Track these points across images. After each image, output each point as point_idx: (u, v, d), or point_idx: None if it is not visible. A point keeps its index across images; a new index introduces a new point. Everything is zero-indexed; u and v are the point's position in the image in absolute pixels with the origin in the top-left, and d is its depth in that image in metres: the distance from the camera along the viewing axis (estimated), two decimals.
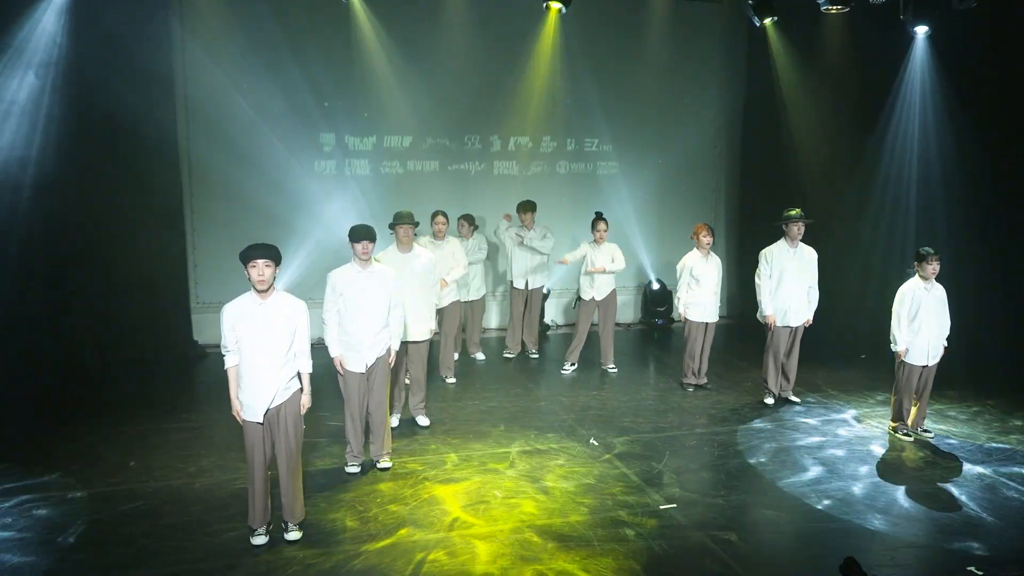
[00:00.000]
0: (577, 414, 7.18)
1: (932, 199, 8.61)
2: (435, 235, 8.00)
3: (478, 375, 8.50)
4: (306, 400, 4.82)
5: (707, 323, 7.82)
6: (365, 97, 9.67)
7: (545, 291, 9.54)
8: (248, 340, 4.57)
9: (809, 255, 7.29)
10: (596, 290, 8.43)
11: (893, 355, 6.55)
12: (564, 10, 8.19)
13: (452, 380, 8.14)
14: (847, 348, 9.17)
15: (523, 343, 9.27)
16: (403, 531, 4.88)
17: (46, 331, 7.81)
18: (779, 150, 10.15)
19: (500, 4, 9.84)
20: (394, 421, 6.61)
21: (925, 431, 6.59)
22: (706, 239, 7.69)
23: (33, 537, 4.76)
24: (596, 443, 6.42)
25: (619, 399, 7.65)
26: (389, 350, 5.78)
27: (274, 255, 4.57)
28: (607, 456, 6.14)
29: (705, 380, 8.00)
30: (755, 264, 7.50)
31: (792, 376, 7.51)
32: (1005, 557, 4.67)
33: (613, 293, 8.51)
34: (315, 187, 9.66)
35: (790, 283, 7.20)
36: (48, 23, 7.57)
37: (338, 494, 5.42)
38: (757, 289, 7.34)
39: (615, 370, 8.58)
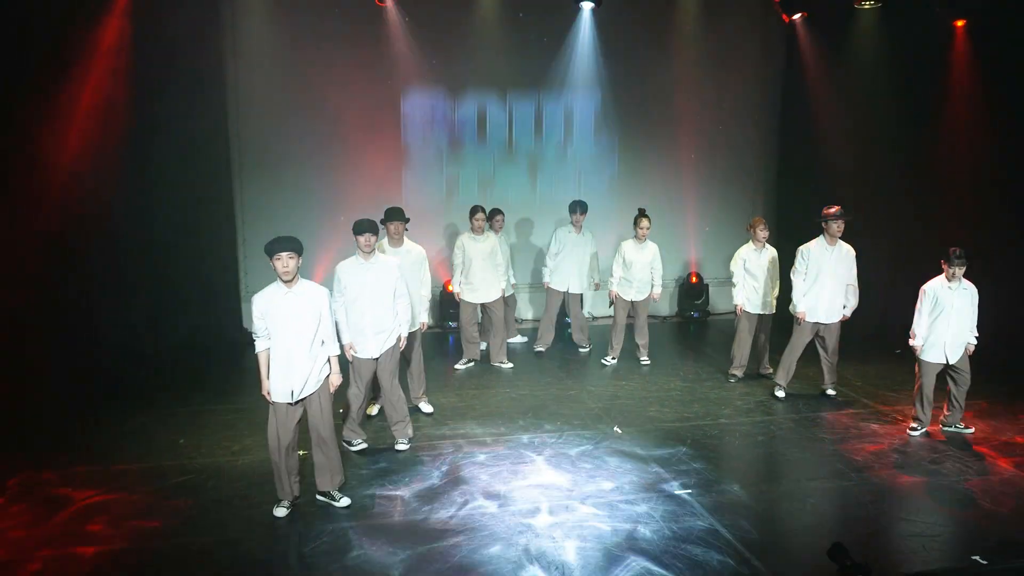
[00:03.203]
0: (605, 403, 7.39)
1: (977, 193, 8.54)
2: (473, 230, 8.26)
3: (516, 365, 8.73)
4: (335, 379, 5.18)
5: (761, 315, 7.92)
6: (390, 99, 10.03)
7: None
8: (278, 327, 4.93)
9: (848, 253, 7.23)
10: (636, 291, 8.59)
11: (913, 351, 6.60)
12: (595, 7, 8.33)
13: (509, 365, 8.51)
14: (882, 343, 9.16)
15: (574, 340, 9.44)
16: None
17: (107, 318, 8.30)
18: (816, 143, 10.14)
19: (528, 9, 10.06)
20: (374, 410, 6.90)
21: (963, 427, 6.62)
22: (763, 233, 7.80)
23: (92, 508, 5.20)
24: (620, 431, 6.63)
25: (648, 390, 7.83)
26: (399, 337, 6.08)
27: (296, 247, 4.91)
28: (629, 443, 6.35)
29: (771, 369, 8.06)
30: (794, 257, 7.50)
31: (833, 372, 7.53)
32: (1012, 547, 4.77)
33: (648, 297, 8.67)
34: (363, 178, 9.99)
35: (827, 281, 7.16)
36: (114, 30, 8.01)
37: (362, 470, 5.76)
38: (793, 285, 7.35)
39: (648, 362, 8.76)
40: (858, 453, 6.21)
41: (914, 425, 6.61)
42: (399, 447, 6.19)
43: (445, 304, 10.20)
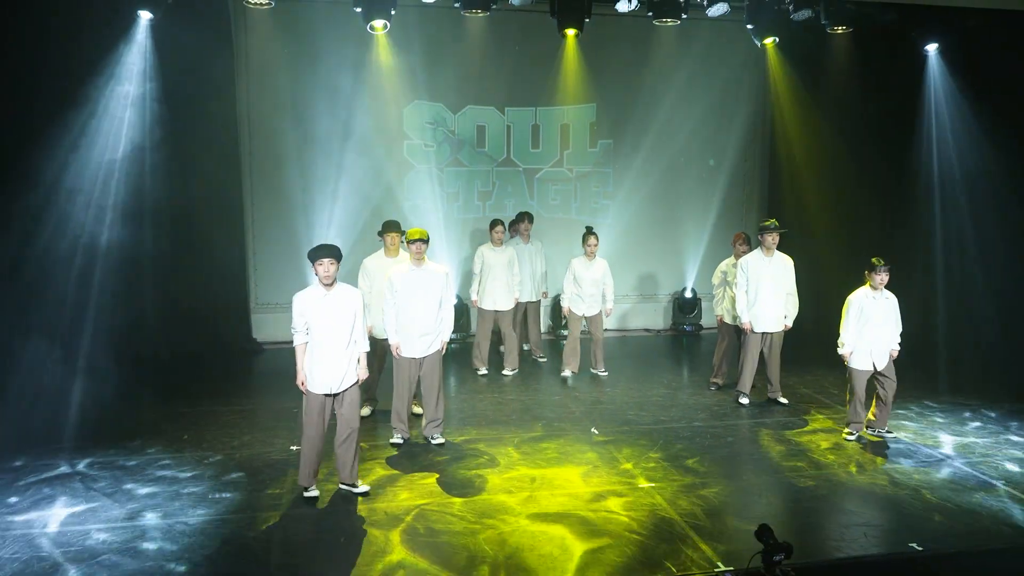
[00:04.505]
0: (587, 407, 7.78)
1: (950, 209, 8.88)
2: (493, 242, 8.78)
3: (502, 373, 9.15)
4: (362, 373, 5.69)
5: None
6: (391, 113, 10.54)
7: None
8: (316, 325, 5.46)
9: (785, 263, 7.59)
10: (587, 306, 8.67)
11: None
12: (579, 34, 8.78)
13: (513, 372, 8.88)
14: None
15: (530, 351, 9.71)
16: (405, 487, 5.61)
17: (127, 327, 8.79)
18: (793, 163, 10.52)
19: (519, 28, 10.45)
20: (365, 411, 7.26)
21: (887, 432, 6.92)
22: (743, 247, 8.13)
23: (100, 490, 5.69)
24: (596, 431, 7.02)
25: (630, 396, 8.19)
26: (442, 342, 6.59)
27: (336, 254, 5.50)
28: (603, 442, 6.75)
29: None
30: None
31: (775, 378, 7.85)
32: (945, 534, 5.12)
33: (601, 312, 8.74)
34: (367, 191, 10.47)
35: (766, 291, 7.49)
36: (136, 49, 8.58)
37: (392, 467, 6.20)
38: (736, 298, 7.68)
39: (606, 373, 8.90)
40: (819, 454, 6.55)
41: (849, 430, 6.93)
42: (435, 441, 6.67)
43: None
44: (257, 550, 4.89)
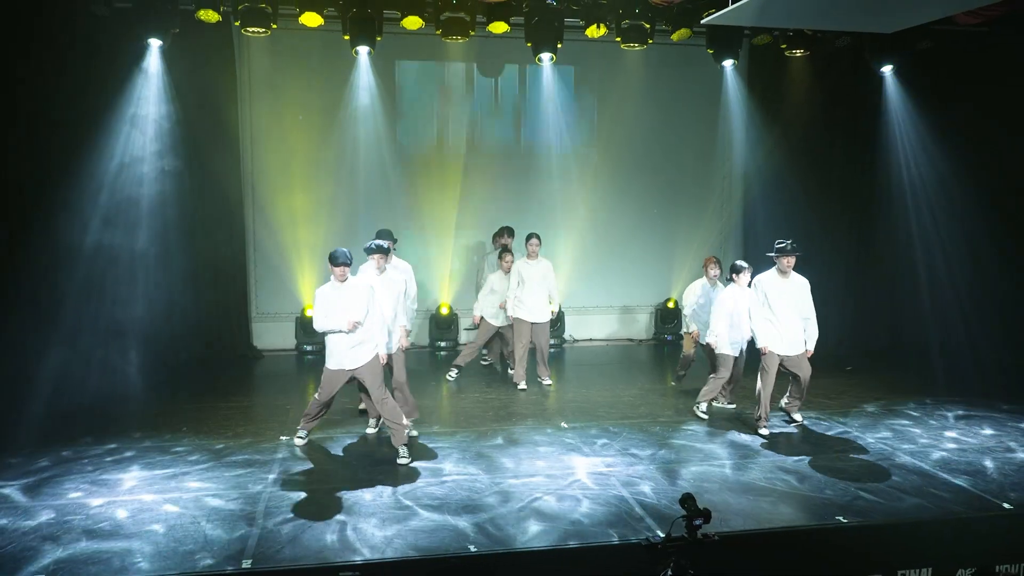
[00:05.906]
0: (561, 405, 8.31)
1: (912, 220, 9.42)
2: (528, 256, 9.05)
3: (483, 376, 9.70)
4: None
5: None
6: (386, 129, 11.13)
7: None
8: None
9: (801, 284, 7.42)
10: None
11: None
12: (553, 59, 9.34)
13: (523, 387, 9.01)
14: (837, 360, 9.97)
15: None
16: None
17: (138, 334, 9.36)
18: (770, 177, 11.07)
19: (503, 51, 10.99)
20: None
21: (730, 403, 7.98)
22: (713, 271, 8.49)
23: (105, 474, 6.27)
24: (565, 425, 7.53)
25: (603, 396, 8.67)
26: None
27: None
28: (570, 432, 7.28)
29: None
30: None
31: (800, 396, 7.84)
32: (870, 511, 5.61)
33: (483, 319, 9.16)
34: (363, 202, 11.02)
35: (784, 313, 7.34)
36: (147, 73, 9.30)
37: None
38: (750, 318, 7.59)
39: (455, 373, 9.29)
40: (780, 443, 7.08)
41: (704, 408, 7.90)
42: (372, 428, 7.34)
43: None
44: (244, 531, 5.43)
